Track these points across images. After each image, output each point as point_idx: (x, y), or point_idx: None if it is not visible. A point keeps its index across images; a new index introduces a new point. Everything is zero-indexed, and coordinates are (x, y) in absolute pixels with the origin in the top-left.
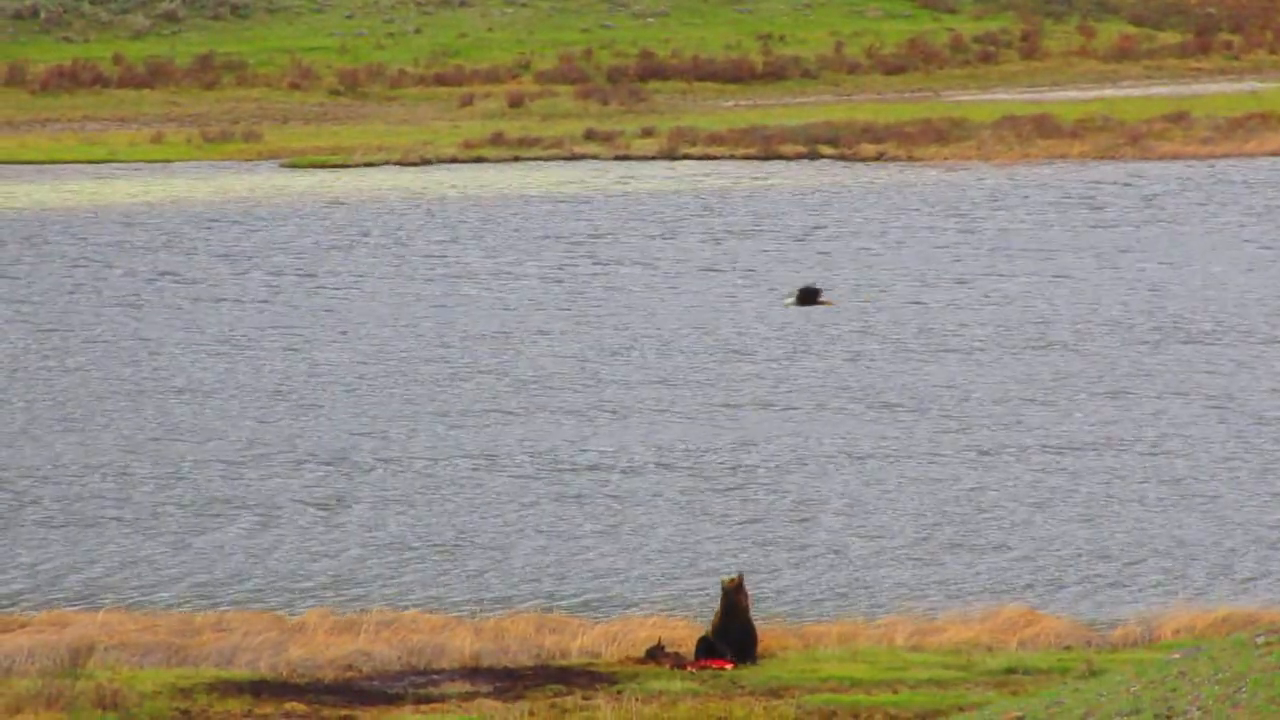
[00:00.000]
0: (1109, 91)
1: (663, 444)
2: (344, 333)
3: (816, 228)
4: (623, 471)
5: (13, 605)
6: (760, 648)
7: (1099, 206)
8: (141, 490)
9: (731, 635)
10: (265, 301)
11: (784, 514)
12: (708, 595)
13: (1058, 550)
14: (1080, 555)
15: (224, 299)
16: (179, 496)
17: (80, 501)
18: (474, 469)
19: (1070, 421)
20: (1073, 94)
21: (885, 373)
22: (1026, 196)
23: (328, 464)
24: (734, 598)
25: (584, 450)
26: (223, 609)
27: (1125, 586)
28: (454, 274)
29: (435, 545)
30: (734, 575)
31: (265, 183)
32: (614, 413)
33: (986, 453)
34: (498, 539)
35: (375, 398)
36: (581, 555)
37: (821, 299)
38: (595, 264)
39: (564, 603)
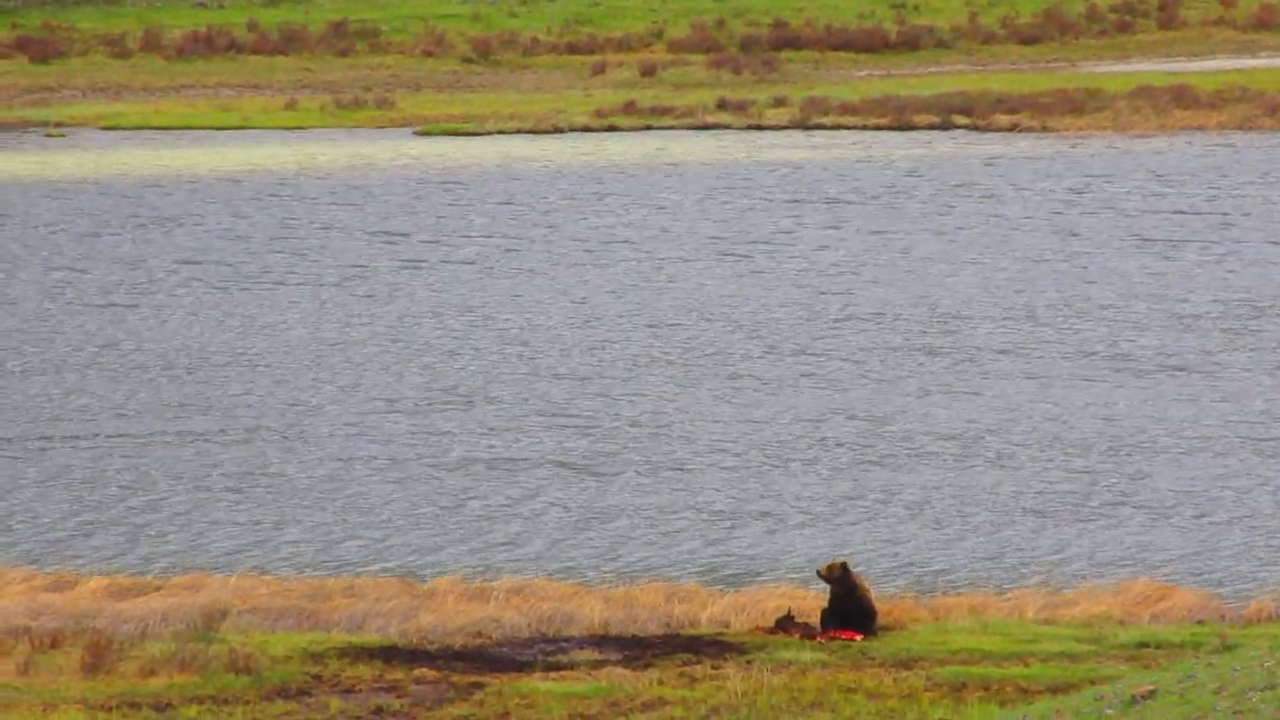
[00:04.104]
0: (1248, 62)
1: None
2: (579, 300)
3: (1026, 192)
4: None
5: (227, 569)
6: (890, 619)
7: None
8: (405, 454)
9: (849, 614)
10: (491, 268)
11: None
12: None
13: (1198, 522)
14: (1218, 527)
15: (449, 261)
16: (442, 460)
17: (332, 464)
18: (738, 437)
19: (1237, 394)
20: (1211, 64)
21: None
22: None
23: (576, 429)
24: (834, 584)
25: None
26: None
27: (1261, 560)
28: (679, 242)
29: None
30: (833, 561)
31: (428, 150)
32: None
33: (1153, 421)
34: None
35: (629, 365)
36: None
37: None
38: (825, 231)
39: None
